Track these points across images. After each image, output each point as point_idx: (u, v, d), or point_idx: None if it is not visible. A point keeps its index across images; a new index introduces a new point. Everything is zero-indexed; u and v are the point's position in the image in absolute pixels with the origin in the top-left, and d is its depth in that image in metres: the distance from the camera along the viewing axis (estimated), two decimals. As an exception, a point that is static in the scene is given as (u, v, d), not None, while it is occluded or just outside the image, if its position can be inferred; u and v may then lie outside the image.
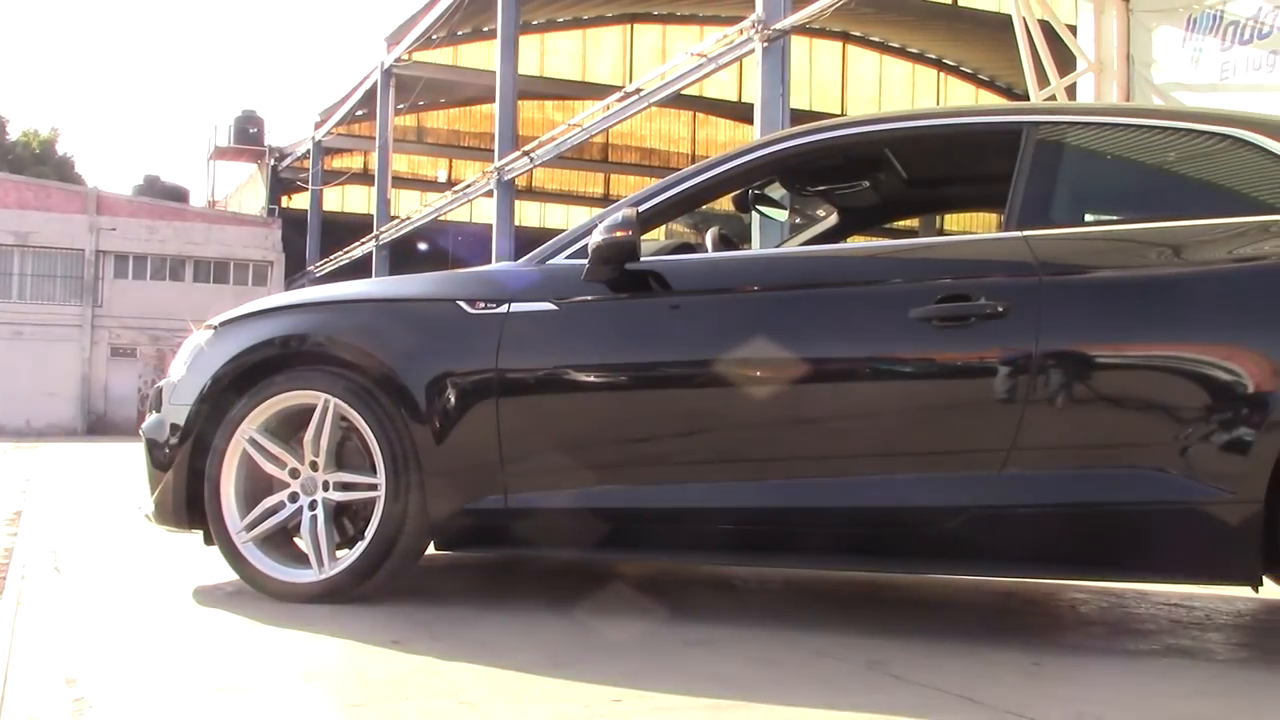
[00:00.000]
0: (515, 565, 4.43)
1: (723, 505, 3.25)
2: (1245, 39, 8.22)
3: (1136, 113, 3.75)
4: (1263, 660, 3.19)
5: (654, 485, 3.31)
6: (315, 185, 35.50)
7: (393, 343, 3.54)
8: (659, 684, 2.63)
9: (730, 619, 3.48)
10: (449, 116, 37.31)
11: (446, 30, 25.59)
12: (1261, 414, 2.83)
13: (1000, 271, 3.14)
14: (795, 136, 3.65)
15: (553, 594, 3.88)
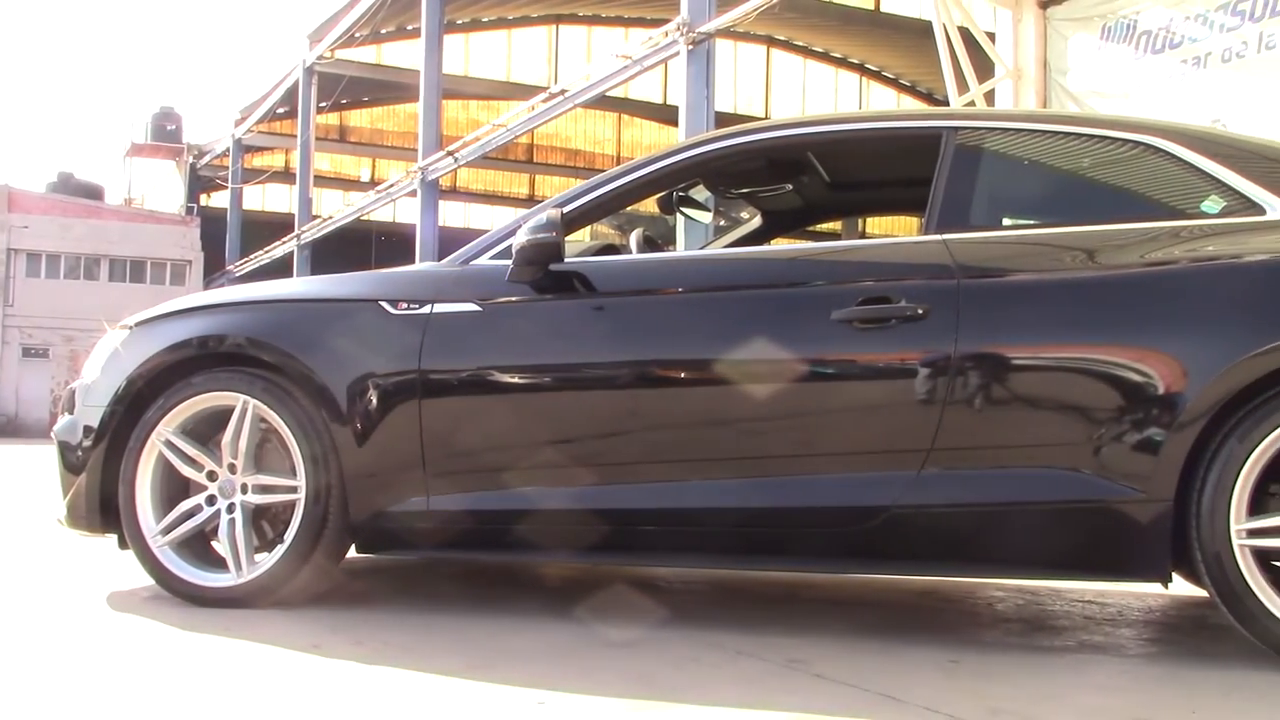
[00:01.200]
0: (438, 568, 4.40)
1: (646, 506, 3.25)
2: (1157, 48, 8.41)
3: (1053, 119, 3.83)
4: (1171, 655, 3.27)
5: (577, 487, 3.30)
6: (235, 183, 34.96)
7: (313, 343, 3.50)
8: (582, 686, 2.63)
9: (653, 620, 3.49)
10: (372, 115, 36.97)
11: (370, 28, 25.35)
12: (1171, 415, 2.90)
13: (920, 274, 3.18)
14: (719, 139, 3.67)
15: (475, 597, 3.86)
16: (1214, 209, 3.24)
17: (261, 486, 3.49)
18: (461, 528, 3.38)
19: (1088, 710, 2.53)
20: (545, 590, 4.09)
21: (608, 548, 3.39)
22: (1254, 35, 7.74)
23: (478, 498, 3.34)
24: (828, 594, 4.08)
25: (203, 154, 38.91)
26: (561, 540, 3.39)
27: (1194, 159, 3.25)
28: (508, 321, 3.45)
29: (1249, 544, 2.84)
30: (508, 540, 3.40)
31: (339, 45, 26.75)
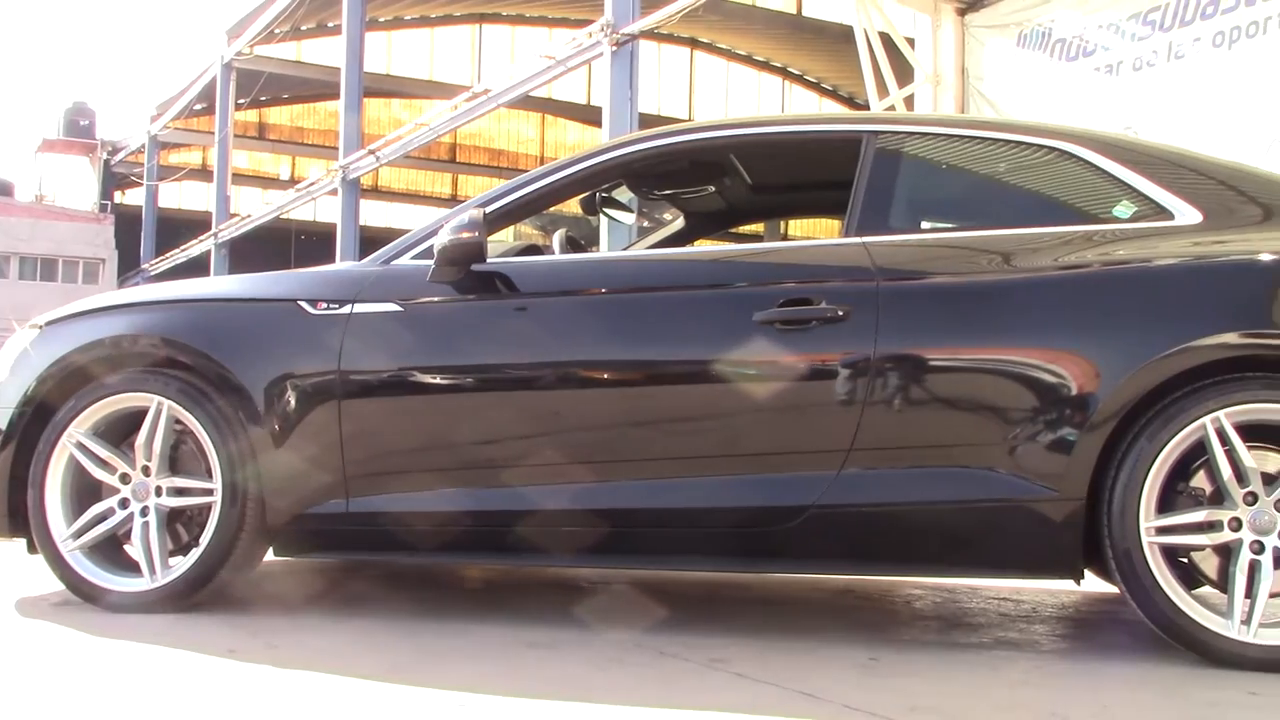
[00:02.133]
0: (358, 570, 4.36)
1: (568, 507, 3.25)
2: (1071, 56, 8.59)
3: (971, 124, 3.89)
4: (1083, 650, 3.34)
5: (499, 488, 3.29)
6: (150, 180, 34.29)
7: (230, 344, 3.45)
8: (503, 688, 2.62)
9: (574, 620, 3.49)
10: (292, 113, 36.50)
11: (290, 25, 25.03)
12: (1083, 415, 2.96)
13: (841, 276, 3.21)
14: (642, 140, 3.67)
15: (396, 599, 3.83)
16: (1125, 214, 3.31)
17: (176, 489, 3.42)
18: (382, 530, 3.35)
19: (1003, 706, 2.58)
20: (467, 592, 4.07)
21: (530, 549, 3.38)
22: (1164, 45, 7.93)
23: (398, 499, 3.31)
24: (749, 593, 4.11)
25: (117, 150, 38.13)
26: (483, 542, 3.37)
27: (1106, 165, 3.32)
28: (429, 322, 3.42)
29: (1158, 541, 2.91)
30: (429, 542, 3.38)
31: (258, 41, 26.37)
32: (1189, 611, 2.89)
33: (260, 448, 3.34)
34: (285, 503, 3.34)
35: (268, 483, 3.34)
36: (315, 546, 3.45)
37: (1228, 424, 2.89)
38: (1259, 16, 7.31)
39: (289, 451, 3.33)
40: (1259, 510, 2.89)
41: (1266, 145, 6.97)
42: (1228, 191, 3.29)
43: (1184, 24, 7.80)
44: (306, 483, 3.34)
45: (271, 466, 3.33)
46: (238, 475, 3.33)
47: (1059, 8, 8.64)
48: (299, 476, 3.34)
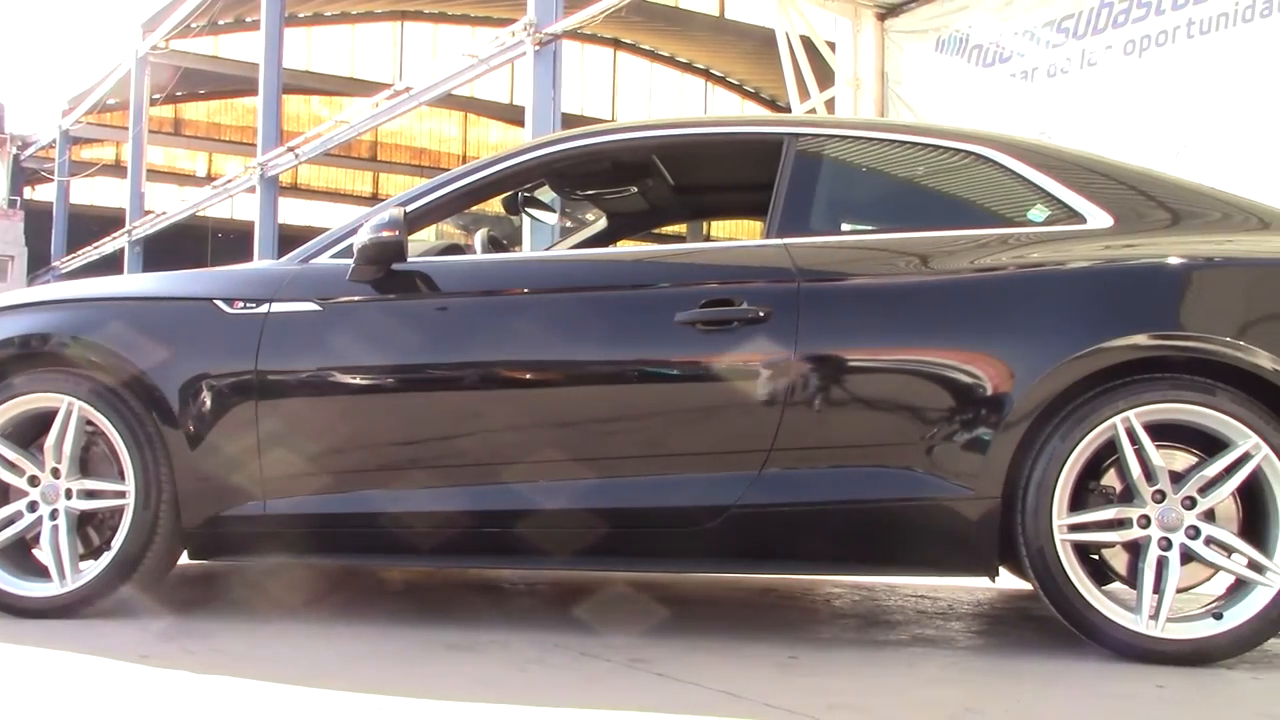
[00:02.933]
0: (274, 573, 4.29)
1: (489, 508, 3.23)
2: (988, 62, 8.73)
3: (890, 127, 3.94)
4: (998, 646, 3.40)
5: (419, 489, 3.27)
6: (61, 176, 33.50)
7: (143, 343, 3.38)
8: (423, 691, 2.60)
9: (496, 622, 3.47)
10: (209, 108, 35.86)
11: (207, 19, 24.58)
12: (998, 415, 3.01)
13: (762, 277, 3.23)
14: (565, 140, 3.67)
15: (314, 602, 3.78)
16: (1039, 217, 3.37)
17: (87, 492, 3.35)
18: (300, 532, 3.30)
19: (920, 702, 2.61)
20: (386, 594, 4.03)
21: (451, 550, 3.36)
22: (1077, 53, 8.10)
23: (317, 501, 3.27)
24: (671, 593, 4.12)
25: (27, 145, 37.16)
26: (403, 543, 3.34)
27: (1021, 169, 3.38)
28: (348, 321, 3.38)
29: (1070, 538, 2.97)
30: (348, 544, 3.34)
31: (174, 35, 25.87)
32: (1100, 607, 2.96)
33: (175, 449, 3.28)
34: (200, 505, 3.29)
35: (182, 485, 3.28)
36: (232, 549, 3.39)
37: (1137, 424, 2.96)
38: (1168, 26, 7.50)
39: (204, 453, 3.27)
40: (1167, 508, 2.96)
41: (1175, 151, 7.15)
42: (1137, 196, 3.36)
43: (1096, 32, 7.96)
44: (222, 484, 3.29)
45: (186, 468, 3.27)
46: (151, 477, 3.27)
47: (976, 14, 8.78)
48: (215, 478, 3.28)
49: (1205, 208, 3.36)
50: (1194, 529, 2.95)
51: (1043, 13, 8.31)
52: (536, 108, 10.93)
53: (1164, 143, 7.24)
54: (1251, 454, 2.92)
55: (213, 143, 36.22)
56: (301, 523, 3.28)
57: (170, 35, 25.92)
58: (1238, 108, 7.06)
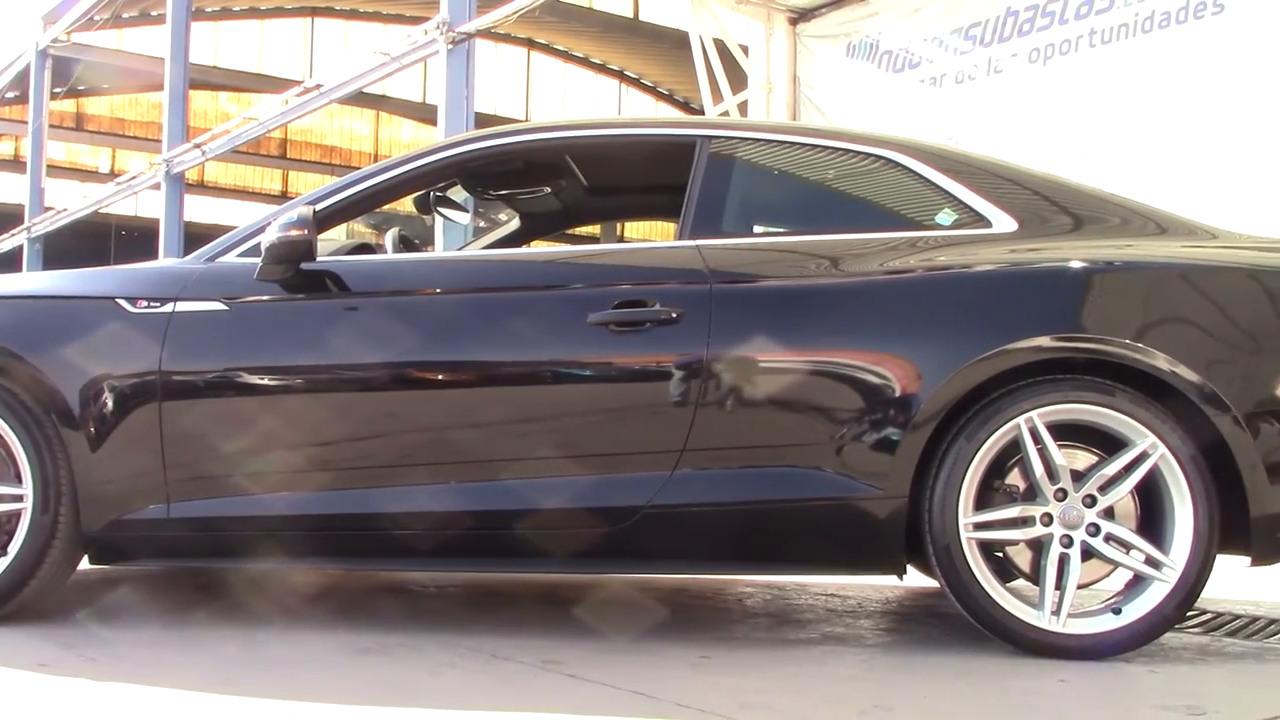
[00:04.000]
0: (180, 579, 4.21)
1: (398, 510, 3.20)
2: (898, 68, 8.86)
3: (801, 131, 3.98)
4: (906, 643, 3.45)
5: (328, 492, 3.22)
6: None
7: (42, 343, 3.29)
8: (333, 696, 2.57)
9: (407, 625, 3.44)
10: (113, 103, 35.05)
11: (111, 13, 24.00)
12: (906, 415, 3.06)
13: (675, 279, 3.25)
14: (477, 140, 3.65)
15: (221, 607, 3.71)
16: (947, 221, 3.43)
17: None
18: (206, 536, 3.24)
19: (830, 699, 2.64)
20: (296, 598, 3.97)
21: (361, 553, 3.33)
22: (984, 60, 8.25)
23: (223, 504, 3.21)
24: (584, 594, 4.11)
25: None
26: (313, 546, 3.30)
27: (929, 174, 3.44)
28: (256, 321, 3.33)
29: (975, 536, 3.03)
30: (257, 548, 3.28)
31: (77, 28, 25.22)
32: (1004, 604, 3.01)
33: (75, 451, 3.20)
34: (101, 509, 3.21)
35: (83, 488, 3.20)
36: (135, 554, 3.32)
37: (1040, 424, 3.02)
38: (1071, 35, 7.67)
39: (106, 455, 3.20)
40: (1068, 506, 3.03)
41: (1077, 158, 7.31)
42: (1041, 201, 3.44)
43: (1003, 40, 8.12)
44: (125, 488, 3.21)
45: (87, 471, 3.20)
46: (50, 480, 3.18)
47: (886, 21, 8.91)
48: (117, 481, 3.21)
49: (1105, 213, 3.44)
50: (1094, 526, 3.03)
51: (950, 20, 8.45)
52: (449, 107, 10.85)
53: (1067, 149, 7.41)
54: (1149, 453, 3.00)
55: (117, 138, 35.40)
56: (207, 526, 3.22)
57: (72, 28, 25.26)
58: (1137, 115, 7.24)
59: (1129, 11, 7.39)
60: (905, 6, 8.77)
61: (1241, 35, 6.75)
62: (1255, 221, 5.67)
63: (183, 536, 3.23)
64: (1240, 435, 3.00)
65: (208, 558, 3.37)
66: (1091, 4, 7.61)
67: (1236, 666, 3.03)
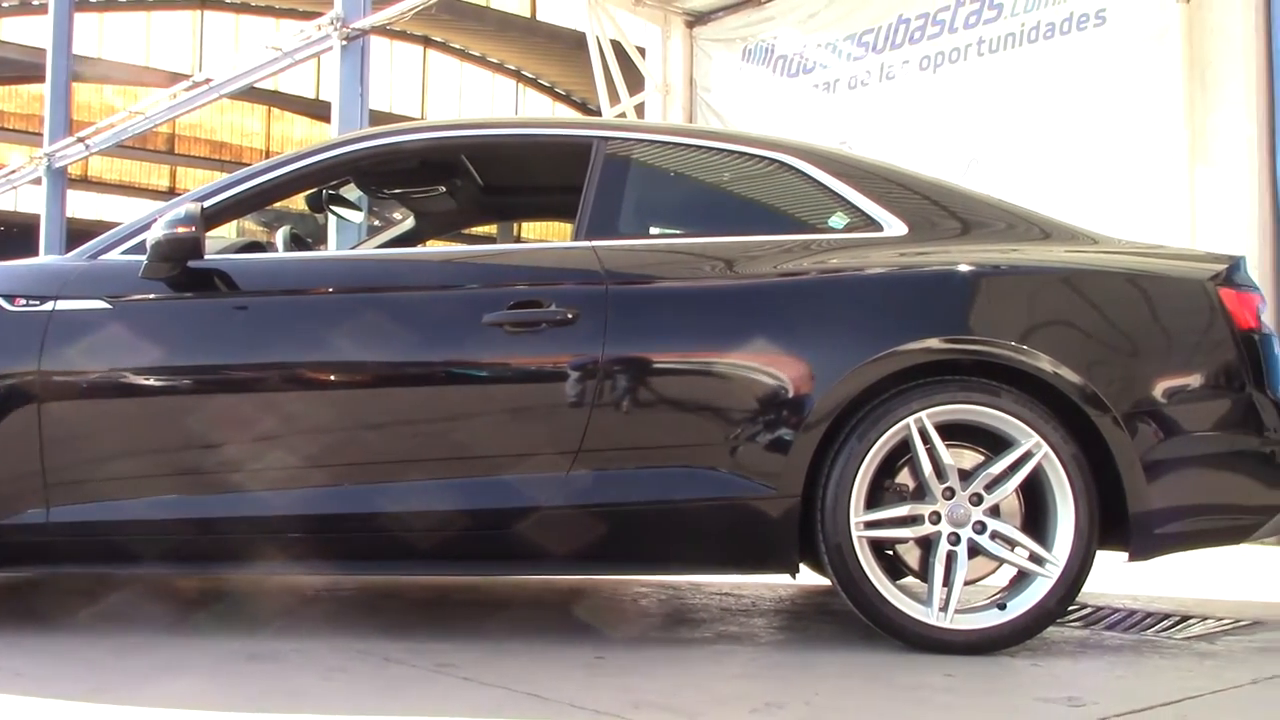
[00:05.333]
0: (59, 584, 4.09)
1: (291, 513, 3.15)
2: (792, 73, 8.95)
3: (698, 134, 4.01)
4: (798, 641, 3.49)
5: (215, 495, 3.15)
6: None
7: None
8: (218, 703, 2.52)
9: (298, 630, 3.39)
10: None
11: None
12: (800, 416, 3.10)
13: (571, 279, 3.25)
14: (371, 138, 3.61)
15: (101, 614, 3.61)
16: (839, 224, 3.49)
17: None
18: (87, 541, 3.15)
19: (724, 698, 2.66)
20: (182, 604, 3.89)
21: (250, 557, 3.26)
22: (877, 66, 8.38)
23: (105, 508, 3.13)
24: (479, 596, 4.09)
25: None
26: (200, 551, 3.23)
27: (822, 177, 3.49)
28: (140, 321, 3.24)
29: (866, 535, 3.08)
30: (140, 553, 3.20)
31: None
32: (893, 601, 3.07)
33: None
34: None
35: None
36: (12, 560, 3.21)
37: (929, 424, 3.08)
38: (960, 44, 7.83)
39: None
40: (956, 504, 3.09)
41: (966, 164, 7.47)
42: (930, 206, 3.50)
43: (894, 47, 8.26)
44: (2, 491, 3.11)
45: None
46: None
47: (781, 25, 9.00)
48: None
49: (992, 218, 3.52)
50: (981, 524, 3.09)
51: (844, 26, 8.57)
52: (343, 104, 10.71)
53: (956, 155, 7.56)
54: (1033, 452, 3.08)
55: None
56: (88, 531, 3.13)
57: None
58: (1023, 123, 7.42)
59: (1016, 22, 7.56)
60: (800, 12, 8.87)
61: (1122, 46, 6.96)
62: (1133, 227, 5.86)
63: (62, 542, 3.14)
64: (1119, 435, 3.09)
65: (89, 564, 3.28)
66: (980, 14, 7.78)
67: (1115, 659, 3.12)
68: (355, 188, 4.24)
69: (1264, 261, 6.24)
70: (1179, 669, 2.99)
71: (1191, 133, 6.53)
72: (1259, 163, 6.40)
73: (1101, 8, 7.09)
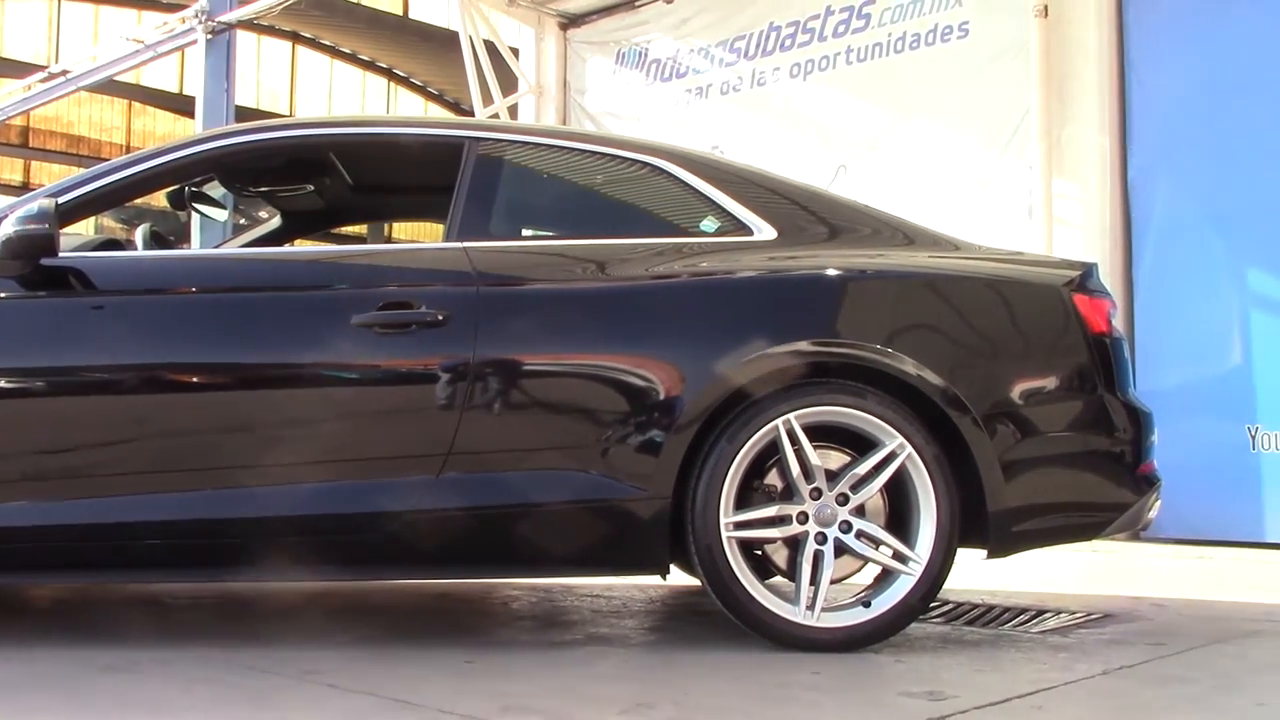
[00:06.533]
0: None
1: (152, 519, 3.06)
2: (666, 77, 9.00)
3: (571, 136, 4.01)
4: (668, 642, 3.51)
5: (72, 500, 3.05)
6: None
7: None
8: (70, 717, 2.43)
9: (158, 639, 3.29)
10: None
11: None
12: (671, 417, 3.12)
13: (442, 281, 3.22)
14: (237, 134, 3.54)
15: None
16: (711, 228, 3.52)
17: None
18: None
19: (593, 699, 2.66)
20: (33, 614, 3.74)
21: (106, 565, 3.15)
22: (749, 72, 8.48)
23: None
24: (347, 602, 4.03)
25: None
26: (50, 558, 3.11)
27: (694, 182, 3.51)
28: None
29: (735, 535, 3.11)
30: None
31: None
32: (762, 600, 3.10)
33: None
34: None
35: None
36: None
37: (797, 425, 3.13)
38: (829, 52, 7.96)
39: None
40: (823, 504, 3.15)
41: (834, 170, 7.61)
42: (799, 211, 3.56)
43: (766, 54, 8.37)
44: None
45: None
46: None
47: (655, 30, 9.04)
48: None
49: (858, 223, 3.60)
50: (846, 524, 3.15)
51: (716, 32, 8.64)
52: (208, 99, 10.45)
53: (825, 162, 7.69)
54: (897, 453, 3.14)
55: None
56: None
57: None
58: (890, 131, 7.58)
59: (883, 31, 7.72)
60: (674, 17, 8.93)
61: (983, 58, 7.16)
62: (995, 234, 6.04)
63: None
64: (979, 435, 3.18)
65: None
66: (849, 23, 7.93)
67: (975, 653, 3.21)
68: (220, 185, 4.14)
69: (1115, 268, 6.48)
70: (1035, 662, 3.09)
71: (1048, 144, 6.74)
72: (1112, 174, 6.64)
73: (965, 20, 7.28)
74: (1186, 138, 6.45)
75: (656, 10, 9.05)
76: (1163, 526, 4.56)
